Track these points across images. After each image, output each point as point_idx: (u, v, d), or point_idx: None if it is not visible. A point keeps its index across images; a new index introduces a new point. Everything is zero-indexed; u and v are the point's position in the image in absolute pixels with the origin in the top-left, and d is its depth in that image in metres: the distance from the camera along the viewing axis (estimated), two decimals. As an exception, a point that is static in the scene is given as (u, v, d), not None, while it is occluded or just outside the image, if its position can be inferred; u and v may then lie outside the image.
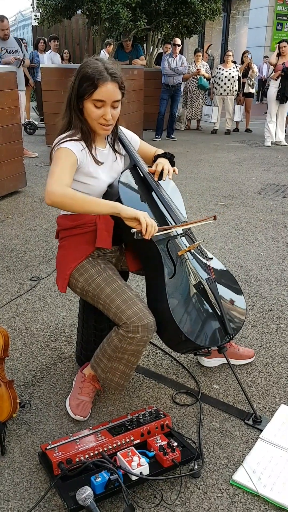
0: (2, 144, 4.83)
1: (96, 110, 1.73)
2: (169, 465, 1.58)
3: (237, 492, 1.58)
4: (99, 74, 1.69)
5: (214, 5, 10.03)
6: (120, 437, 1.65)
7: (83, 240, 1.86)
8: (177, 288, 1.81)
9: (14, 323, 2.62)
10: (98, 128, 1.78)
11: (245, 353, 2.26)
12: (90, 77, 1.69)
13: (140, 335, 1.71)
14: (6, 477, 1.64)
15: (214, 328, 1.86)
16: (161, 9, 9.19)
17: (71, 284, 1.89)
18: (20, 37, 9.83)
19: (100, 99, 1.71)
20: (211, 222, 4.26)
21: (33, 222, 4.27)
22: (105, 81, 1.69)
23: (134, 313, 1.71)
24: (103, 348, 1.83)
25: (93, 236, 1.84)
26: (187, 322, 1.77)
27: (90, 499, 1.39)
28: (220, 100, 9.67)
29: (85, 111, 1.76)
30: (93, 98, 1.71)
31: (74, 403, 1.91)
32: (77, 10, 9.57)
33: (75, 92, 1.74)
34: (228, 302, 2.00)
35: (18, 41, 6.59)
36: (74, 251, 1.87)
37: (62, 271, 1.89)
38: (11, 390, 1.77)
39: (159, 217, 1.89)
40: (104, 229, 1.82)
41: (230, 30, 18.43)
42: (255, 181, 5.91)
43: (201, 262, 2.00)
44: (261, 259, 3.51)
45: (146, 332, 1.71)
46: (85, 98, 1.73)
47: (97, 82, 1.68)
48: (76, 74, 1.74)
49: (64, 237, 1.92)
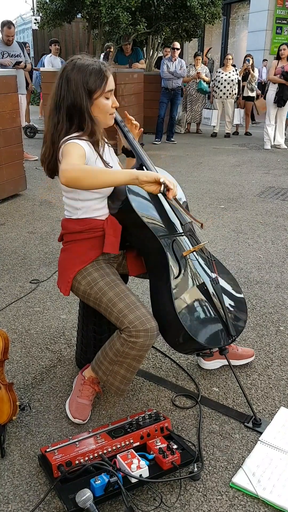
0: (3, 147, 4.84)
1: (108, 102, 1.77)
2: (168, 467, 1.58)
3: (236, 495, 1.58)
4: (103, 66, 1.73)
5: (213, 9, 10.08)
6: (120, 440, 1.65)
7: (90, 245, 1.85)
8: (182, 288, 1.82)
9: (14, 325, 2.63)
10: (109, 119, 1.82)
11: (245, 353, 2.26)
12: (97, 72, 1.71)
13: (143, 340, 1.70)
14: (6, 479, 1.64)
15: (217, 329, 1.87)
16: (161, 13, 9.23)
17: (74, 287, 1.88)
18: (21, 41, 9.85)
19: (110, 89, 1.75)
20: (211, 224, 4.26)
21: (33, 225, 4.28)
22: (108, 71, 1.74)
23: (137, 317, 1.70)
24: (104, 351, 1.82)
25: (99, 241, 1.83)
26: (191, 322, 1.77)
27: (90, 502, 1.39)
28: (219, 103, 9.69)
29: (96, 109, 1.76)
30: (106, 90, 1.74)
31: (73, 406, 1.91)
32: (77, 14, 9.62)
33: (85, 93, 1.70)
34: (231, 304, 2.00)
35: (21, 45, 6.65)
36: (80, 256, 1.86)
37: (66, 275, 1.88)
38: (11, 393, 1.77)
39: (164, 215, 1.91)
40: (112, 235, 1.82)
41: (229, 33, 18.47)
42: (255, 184, 5.92)
43: (206, 263, 2.01)
44: (261, 262, 3.52)
45: (149, 337, 1.70)
46: (97, 95, 1.73)
47: (106, 73, 1.72)
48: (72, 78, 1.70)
49: (70, 241, 1.90)
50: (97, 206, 1.82)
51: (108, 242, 1.81)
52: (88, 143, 1.74)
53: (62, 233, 1.95)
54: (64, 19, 9.58)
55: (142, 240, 1.88)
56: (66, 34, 14.92)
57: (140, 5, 8.60)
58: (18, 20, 32.36)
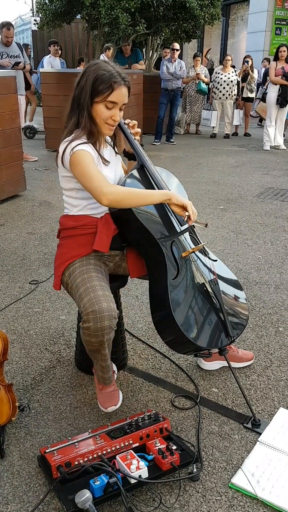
0: (2, 148, 4.84)
1: (106, 111, 1.77)
2: (168, 468, 1.58)
3: (236, 495, 1.59)
4: (115, 77, 1.74)
5: (213, 10, 10.08)
6: (119, 441, 1.65)
7: (82, 241, 1.87)
8: (180, 289, 1.82)
9: (13, 326, 2.63)
10: (104, 128, 1.82)
11: (245, 356, 2.27)
12: (106, 79, 1.73)
13: (93, 324, 1.62)
14: (5, 480, 1.64)
15: (216, 330, 1.87)
16: (160, 14, 9.23)
17: (63, 281, 1.90)
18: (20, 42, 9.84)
19: (114, 101, 1.76)
20: (211, 225, 4.27)
21: (33, 226, 4.28)
22: (120, 85, 1.75)
23: (89, 299, 1.65)
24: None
25: (92, 238, 1.84)
26: (189, 323, 1.77)
27: (89, 502, 1.39)
28: (219, 104, 9.69)
29: (93, 111, 1.79)
30: (108, 99, 1.75)
31: (101, 400, 1.90)
32: (76, 15, 9.62)
33: (89, 92, 1.75)
34: (230, 305, 2.01)
35: (20, 46, 6.67)
36: (71, 250, 1.88)
37: (57, 269, 1.91)
38: (10, 394, 1.77)
39: (164, 217, 1.91)
40: (104, 233, 1.83)
41: (229, 34, 18.48)
42: (254, 185, 5.92)
43: (205, 264, 2.01)
44: (260, 262, 3.52)
45: (99, 319, 1.61)
46: (99, 100, 1.75)
47: (113, 85, 1.73)
48: (87, 75, 1.76)
49: (65, 237, 1.93)
50: (93, 205, 1.85)
51: (98, 239, 1.82)
52: (90, 145, 1.78)
53: (59, 229, 1.99)
54: (64, 20, 9.58)
55: (140, 240, 1.89)
56: (66, 35, 14.93)
57: (139, 6, 8.60)
58: (17, 21, 32.35)
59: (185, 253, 1.89)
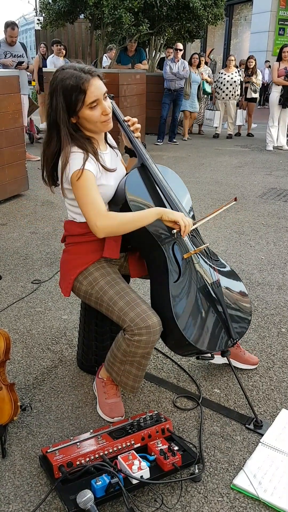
0: (5, 147, 4.85)
1: (94, 112, 1.70)
2: (169, 469, 1.58)
3: (237, 497, 1.58)
4: (80, 78, 1.65)
5: (216, 10, 10.07)
6: (121, 441, 1.65)
7: (91, 248, 1.86)
8: (182, 291, 1.81)
9: (15, 326, 2.63)
10: (102, 126, 1.76)
11: (250, 359, 2.25)
12: (74, 86, 1.65)
13: (146, 338, 1.70)
14: (7, 480, 1.64)
15: (217, 333, 1.86)
16: (164, 14, 9.21)
17: (75, 287, 1.89)
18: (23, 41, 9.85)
19: (94, 100, 1.68)
20: (212, 226, 4.26)
21: (35, 225, 4.28)
22: (88, 81, 1.66)
23: (137, 314, 1.71)
24: (113, 353, 1.84)
25: (100, 244, 1.84)
26: (190, 326, 1.77)
27: (91, 503, 1.39)
28: (222, 104, 9.69)
29: (82, 121, 1.73)
30: (87, 103, 1.67)
31: (107, 409, 1.91)
32: (80, 14, 9.61)
33: (64, 110, 1.68)
34: (233, 306, 1.99)
35: (24, 46, 6.71)
36: (81, 257, 1.87)
37: (67, 275, 1.89)
38: (12, 393, 1.77)
39: None
40: (112, 239, 1.82)
41: (232, 35, 18.48)
42: (257, 185, 5.92)
43: (208, 265, 1.99)
44: (263, 263, 3.52)
45: (152, 334, 1.71)
46: (79, 109, 1.68)
47: (83, 86, 1.65)
48: (54, 94, 1.68)
49: (71, 243, 1.91)
50: None
51: (108, 246, 1.83)
52: (90, 157, 1.72)
53: (64, 235, 1.97)
54: (67, 19, 9.57)
55: (142, 243, 1.88)
56: (69, 34, 14.92)
57: (142, 6, 8.59)
58: (20, 20, 32.43)
59: (186, 255, 1.87)
